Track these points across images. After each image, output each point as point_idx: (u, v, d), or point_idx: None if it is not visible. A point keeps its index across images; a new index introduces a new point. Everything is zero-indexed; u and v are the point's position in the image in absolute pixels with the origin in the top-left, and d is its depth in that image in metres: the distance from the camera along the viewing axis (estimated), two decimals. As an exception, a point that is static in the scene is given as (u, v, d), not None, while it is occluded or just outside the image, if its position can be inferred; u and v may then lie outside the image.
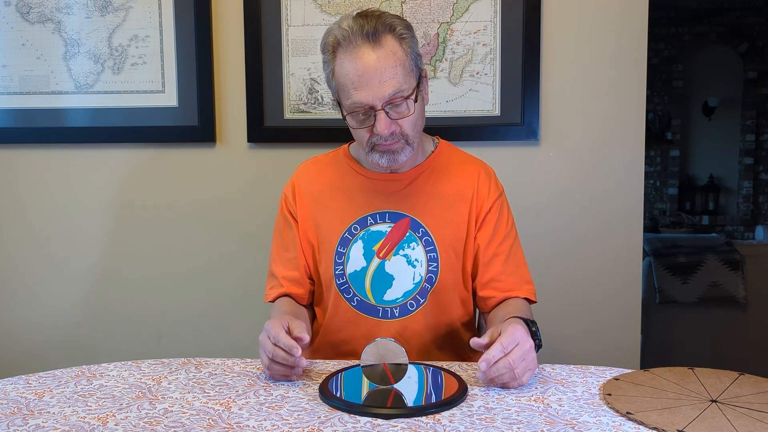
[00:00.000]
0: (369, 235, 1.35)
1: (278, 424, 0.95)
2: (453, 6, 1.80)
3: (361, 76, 1.20)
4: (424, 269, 1.33)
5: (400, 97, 1.22)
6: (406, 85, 1.23)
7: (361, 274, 1.34)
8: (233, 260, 1.95)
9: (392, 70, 1.20)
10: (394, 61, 1.21)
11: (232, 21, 1.88)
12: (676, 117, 7.03)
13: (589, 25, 1.80)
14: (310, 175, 1.42)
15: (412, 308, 1.34)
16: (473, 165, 1.41)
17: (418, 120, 1.28)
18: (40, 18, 1.92)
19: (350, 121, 1.26)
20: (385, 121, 1.22)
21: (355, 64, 1.20)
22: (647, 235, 3.12)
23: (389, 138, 1.24)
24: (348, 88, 1.22)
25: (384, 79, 1.20)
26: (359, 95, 1.21)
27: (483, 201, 1.36)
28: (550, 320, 1.86)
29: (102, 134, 1.93)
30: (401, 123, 1.24)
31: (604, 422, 0.94)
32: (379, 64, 1.20)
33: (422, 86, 1.29)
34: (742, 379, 1.08)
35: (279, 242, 1.43)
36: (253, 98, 1.87)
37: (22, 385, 1.12)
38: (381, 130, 1.22)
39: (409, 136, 1.26)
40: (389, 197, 1.35)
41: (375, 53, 1.20)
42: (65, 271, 2.01)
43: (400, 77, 1.21)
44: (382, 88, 1.20)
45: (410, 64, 1.24)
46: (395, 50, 1.22)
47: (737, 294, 2.83)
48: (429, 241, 1.34)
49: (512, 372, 1.05)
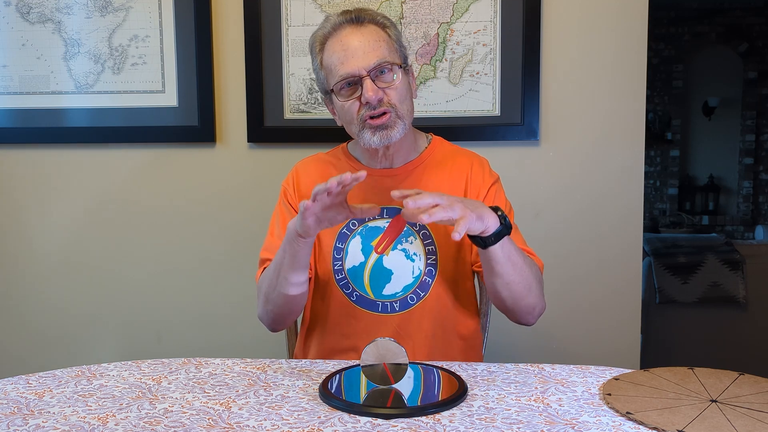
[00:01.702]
0: (367, 231, 1.36)
1: (278, 424, 0.95)
2: (453, 6, 1.80)
3: (346, 50, 1.26)
4: (423, 263, 1.34)
5: (386, 64, 1.27)
6: (390, 58, 1.28)
7: (360, 270, 1.35)
8: (233, 260, 1.95)
9: (375, 44, 1.27)
10: (377, 38, 1.28)
11: (232, 21, 1.88)
12: (676, 117, 7.03)
13: (589, 25, 1.80)
14: (310, 170, 1.44)
15: (413, 302, 1.34)
16: (466, 156, 1.43)
17: (407, 97, 1.31)
18: (40, 18, 1.92)
19: (338, 101, 1.30)
20: (371, 86, 1.26)
21: (342, 42, 1.27)
22: (647, 235, 3.13)
23: (378, 106, 1.27)
24: (335, 66, 1.27)
25: (367, 51, 1.26)
26: (345, 68, 1.26)
27: (478, 188, 1.37)
28: (550, 320, 1.86)
29: (102, 134, 1.93)
30: (388, 92, 1.28)
31: (604, 422, 0.94)
32: (363, 38, 1.27)
33: (408, 71, 1.33)
34: (742, 379, 1.08)
35: (273, 231, 1.42)
36: (253, 98, 1.87)
37: (22, 385, 1.12)
38: (368, 94, 1.25)
39: (397, 107, 1.28)
40: (386, 192, 1.34)
41: (359, 32, 1.28)
42: (65, 271, 2.01)
43: (384, 50, 1.27)
44: (366, 57, 1.26)
45: (394, 44, 1.31)
46: (377, 31, 1.29)
47: (737, 294, 2.83)
48: (427, 234, 1.35)
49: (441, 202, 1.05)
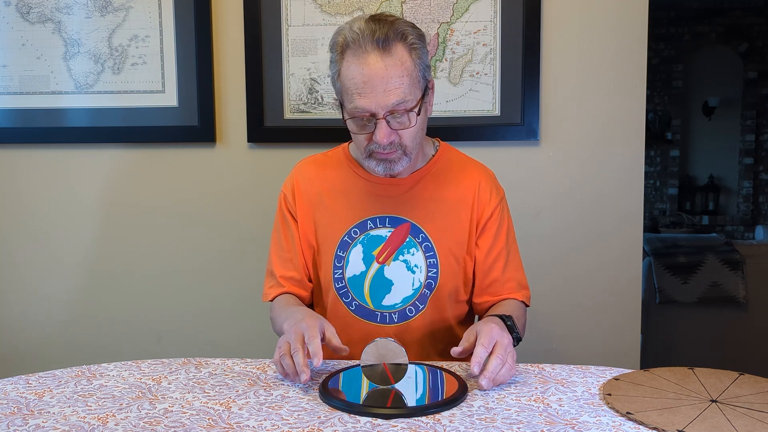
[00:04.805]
0: (369, 240, 1.34)
1: (278, 424, 0.95)
2: (453, 6, 1.80)
3: (366, 83, 1.18)
4: (424, 275, 1.33)
5: (403, 109, 1.20)
6: (411, 96, 1.21)
7: (360, 279, 1.34)
8: (233, 260, 1.95)
9: (398, 80, 1.18)
10: (401, 71, 1.19)
11: (232, 21, 1.88)
12: (676, 117, 7.03)
13: (589, 25, 1.80)
14: (310, 174, 1.41)
15: (411, 314, 1.33)
16: (474, 170, 1.39)
17: (418, 132, 1.26)
18: (40, 18, 1.92)
19: (351, 125, 1.25)
20: (385, 130, 1.20)
21: (362, 69, 1.18)
22: (647, 235, 3.12)
23: (387, 147, 1.23)
24: (352, 92, 1.20)
25: (389, 88, 1.18)
26: (362, 101, 1.19)
27: (484, 207, 1.35)
28: (550, 320, 1.86)
29: (102, 134, 1.93)
30: (401, 134, 1.23)
31: (604, 422, 0.94)
32: (386, 72, 1.18)
33: (427, 98, 1.27)
34: (742, 379, 1.08)
35: (277, 242, 1.42)
36: (253, 98, 1.87)
37: (22, 385, 1.12)
38: (380, 138, 1.21)
39: (407, 147, 1.25)
40: (389, 201, 1.34)
41: (383, 60, 1.18)
42: (65, 270, 2.01)
43: (406, 88, 1.19)
44: (386, 96, 1.18)
45: (418, 74, 1.22)
46: (404, 60, 1.19)
47: (737, 294, 2.83)
48: (429, 246, 1.33)
49: (506, 364, 1.07)
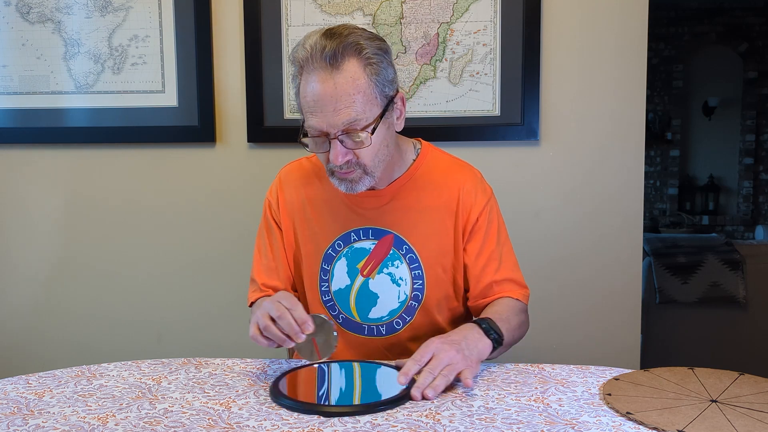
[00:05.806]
0: (352, 252, 1.31)
1: (278, 424, 0.95)
2: (453, 6, 1.80)
3: (316, 102, 1.13)
4: (409, 288, 1.30)
5: (357, 128, 1.14)
6: (365, 115, 1.14)
7: (346, 293, 1.31)
8: (233, 260, 1.95)
9: (348, 99, 1.12)
10: (352, 88, 1.12)
11: (232, 21, 1.88)
12: (676, 117, 7.02)
13: (589, 25, 1.80)
14: (295, 183, 1.37)
15: (399, 326, 1.32)
16: (458, 172, 1.33)
17: (380, 150, 1.20)
18: (40, 18, 1.92)
19: (309, 143, 1.18)
20: (339, 149, 1.15)
21: (312, 87, 1.13)
22: (647, 235, 3.12)
23: (344, 167, 1.18)
24: (305, 110, 1.16)
25: (339, 107, 1.12)
26: (313, 120, 1.14)
27: (469, 211, 1.30)
28: (550, 320, 1.86)
29: (102, 134, 1.93)
30: (358, 153, 1.17)
31: (604, 422, 0.94)
32: (335, 90, 1.11)
33: (389, 113, 1.20)
34: (742, 379, 1.08)
35: (261, 249, 1.38)
36: (253, 98, 1.87)
37: (22, 385, 1.12)
38: (333, 159, 1.15)
39: (366, 166, 1.19)
40: (371, 212, 1.30)
41: (333, 78, 1.12)
42: (65, 270, 2.01)
43: (358, 106, 1.13)
44: (336, 115, 1.12)
45: (373, 91, 1.15)
46: (356, 76, 1.13)
47: (737, 294, 2.83)
48: (413, 258, 1.29)
49: (441, 375, 1.06)
